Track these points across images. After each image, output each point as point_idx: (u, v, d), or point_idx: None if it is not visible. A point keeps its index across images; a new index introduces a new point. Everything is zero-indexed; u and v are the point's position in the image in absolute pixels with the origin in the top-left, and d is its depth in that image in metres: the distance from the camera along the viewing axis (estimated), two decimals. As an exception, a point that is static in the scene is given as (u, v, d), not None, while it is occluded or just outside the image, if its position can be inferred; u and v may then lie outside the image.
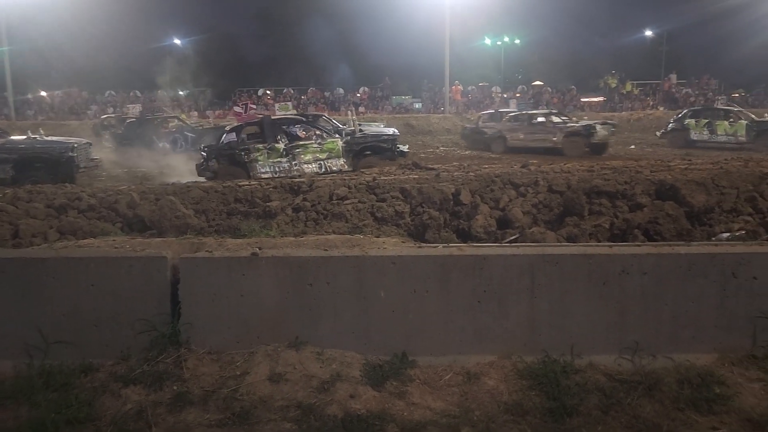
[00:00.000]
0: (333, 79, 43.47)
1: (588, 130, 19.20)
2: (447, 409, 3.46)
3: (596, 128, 19.26)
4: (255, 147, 12.19)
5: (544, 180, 5.31)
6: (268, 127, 12.55)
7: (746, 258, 3.77)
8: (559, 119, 21.04)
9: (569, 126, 20.06)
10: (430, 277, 3.88)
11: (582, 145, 18.84)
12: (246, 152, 12.08)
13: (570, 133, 19.44)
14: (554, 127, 20.17)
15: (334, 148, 12.29)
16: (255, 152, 12.08)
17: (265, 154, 12.04)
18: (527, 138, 20.43)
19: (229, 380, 3.66)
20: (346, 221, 4.96)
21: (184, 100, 42.80)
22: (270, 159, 11.88)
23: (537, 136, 20.24)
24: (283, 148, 12.15)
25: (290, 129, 13.17)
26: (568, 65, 48.19)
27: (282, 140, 12.37)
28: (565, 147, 19.13)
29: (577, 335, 3.85)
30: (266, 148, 12.16)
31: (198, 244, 4.27)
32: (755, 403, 3.41)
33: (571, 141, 19.20)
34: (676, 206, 4.71)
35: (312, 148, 12.25)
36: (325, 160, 12.13)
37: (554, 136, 19.77)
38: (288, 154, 12.13)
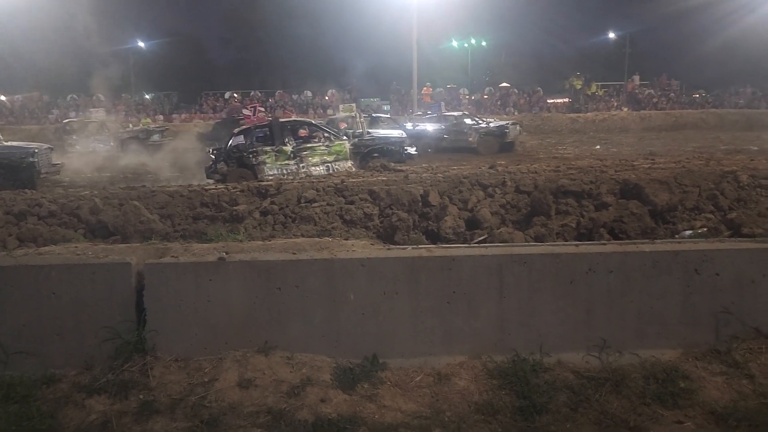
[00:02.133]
0: (301, 82, 43.27)
1: (501, 130, 20.91)
2: (418, 411, 3.46)
3: (508, 128, 20.95)
4: (263, 149, 12.22)
5: (512, 180, 5.36)
6: (277, 130, 12.57)
7: (708, 255, 3.85)
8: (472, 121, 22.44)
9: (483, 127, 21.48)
10: (399, 279, 3.87)
11: (495, 144, 20.36)
12: (254, 155, 12.12)
13: (485, 134, 20.88)
14: (470, 128, 21.42)
15: (342, 151, 12.33)
16: (263, 154, 12.12)
17: (273, 157, 12.09)
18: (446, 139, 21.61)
19: (197, 387, 3.59)
20: (315, 224, 4.93)
21: (150, 103, 42.13)
22: (278, 161, 11.89)
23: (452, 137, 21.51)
24: (291, 151, 12.17)
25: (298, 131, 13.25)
26: (533, 67, 48.85)
27: (290, 142, 12.40)
28: (480, 146, 20.49)
29: (546, 334, 3.89)
30: (274, 150, 12.19)
31: (163, 249, 4.18)
32: (718, 396, 3.49)
33: (486, 140, 20.68)
34: (641, 205, 4.80)
35: (320, 150, 12.28)
36: (333, 162, 12.16)
37: (470, 137, 21.01)
38: (296, 156, 12.14)
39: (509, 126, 21.46)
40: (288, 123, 13.52)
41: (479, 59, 51.24)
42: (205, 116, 39.40)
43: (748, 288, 3.84)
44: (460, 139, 21.39)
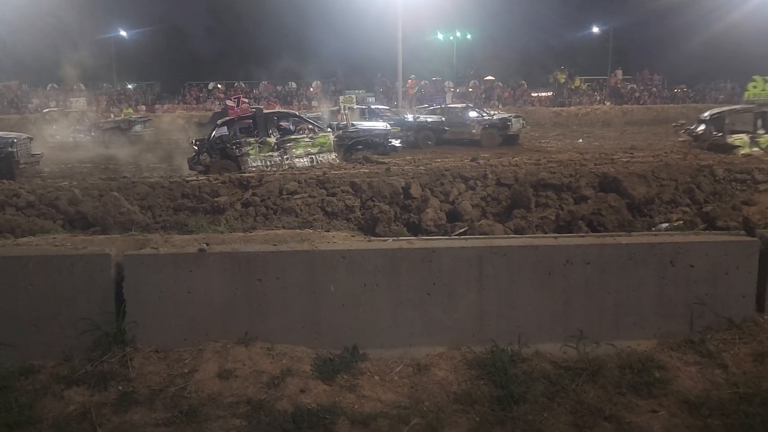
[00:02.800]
0: (285, 73, 43.01)
1: (504, 122, 20.79)
2: (397, 401, 3.48)
3: (511, 121, 20.86)
4: (246, 141, 12.16)
5: (493, 173, 5.39)
6: (261, 121, 12.51)
7: (684, 247, 3.91)
8: (477, 113, 22.24)
9: (486, 119, 21.36)
10: (380, 271, 3.89)
11: (498, 137, 20.24)
12: (237, 146, 12.05)
13: (488, 126, 20.74)
14: (473, 120, 21.26)
15: (326, 143, 12.30)
16: (246, 146, 12.05)
17: (257, 148, 12.04)
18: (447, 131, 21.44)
19: (176, 378, 3.59)
20: (296, 216, 4.92)
21: (132, 93, 41.66)
22: (261, 153, 11.85)
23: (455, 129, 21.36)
24: (274, 142, 12.12)
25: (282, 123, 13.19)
26: (518, 61, 49.01)
27: (274, 134, 12.36)
28: (483, 138, 20.41)
29: (525, 325, 3.93)
30: (258, 141, 12.14)
31: (143, 240, 4.17)
32: (692, 385, 3.55)
33: (489, 133, 20.57)
34: (619, 198, 4.86)
35: (303, 142, 12.26)
36: (317, 154, 12.12)
37: (473, 129, 20.89)
38: (279, 148, 12.10)
39: (512, 119, 21.27)
40: (272, 114, 13.46)
41: (464, 52, 51.33)
42: (189, 107, 39.09)
43: (722, 280, 3.91)
44: (463, 131, 21.24)
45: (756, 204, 4.55)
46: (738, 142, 10.55)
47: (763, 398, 3.35)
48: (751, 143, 10.57)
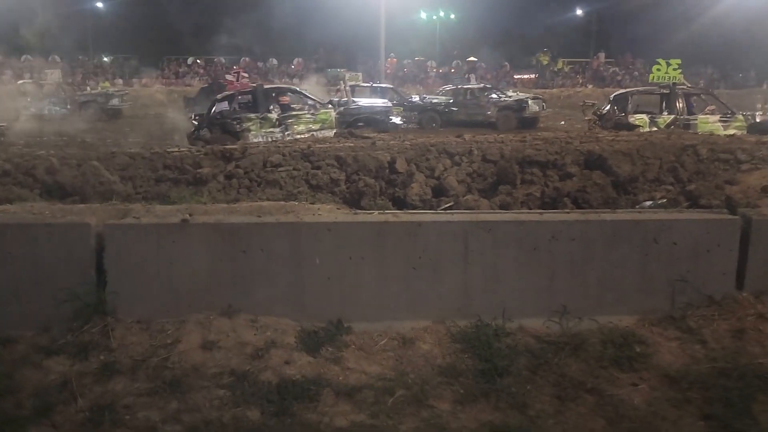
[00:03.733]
0: (266, 49, 42.42)
1: (520, 104, 19.74)
2: (382, 373, 3.49)
3: (528, 102, 19.85)
4: (247, 116, 11.94)
5: (479, 150, 5.39)
6: (261, 97, 12.30)
7: (667, 224, 3.95)
8: (494, 94, 21.30)
9: (502, 101, 20.38)
10: (365, 244, 3.87)
11: (513, 119, 19.35)
12: (238, 121, 11.82)
13: (503, 107, 19.78)
14: (488, 101, 20.45)
15: (327, 119, 12.15)
16: (247, 121, 11.83)
17: (258, 124, 11.84)
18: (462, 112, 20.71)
19: (159, 349, 3.55)
20: (281, 189, 4.88)
21: (109, 66, 40.81)
22: (262, 129, 11.67)
23: (471, 111, 20.51)
24: (275, 118, 11.94)
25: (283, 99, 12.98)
26: (501, 42, 48.85)
27: (275, 110, 12.17)
28: (499, 120, 19.47)
29: (509, 300, 3.94)
30: (259, 117, 11.94)
31: (124, 210, 4.09)
32: (672, 360, 3.61)
33: (504, 115, 19.61)
34: (604, 176, 4.89)
35: (305, 118, 12.10)
36: (318, 130, 11.96)
37: (488, 111, 20.04)
38: (281, 124, 11.91)
39: (528, 100, 20.16)
40: (273, 90, 13.27)
41: (448, 32, 51.01)
42: (167, 81, 38.44)
43: (704, 257, 3.95)
44: (478, 113, 20.27)
45: (738, 183, 4.60)
46: (639, 122, 10.83)
47: (741, 373, 3.41)
48: (650, 123, 10.81)
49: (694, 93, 12.23)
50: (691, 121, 10.87)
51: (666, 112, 11.19)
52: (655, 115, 11.14)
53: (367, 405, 3.21)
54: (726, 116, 10.82)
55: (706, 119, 10.91)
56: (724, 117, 10.83)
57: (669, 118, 10.93)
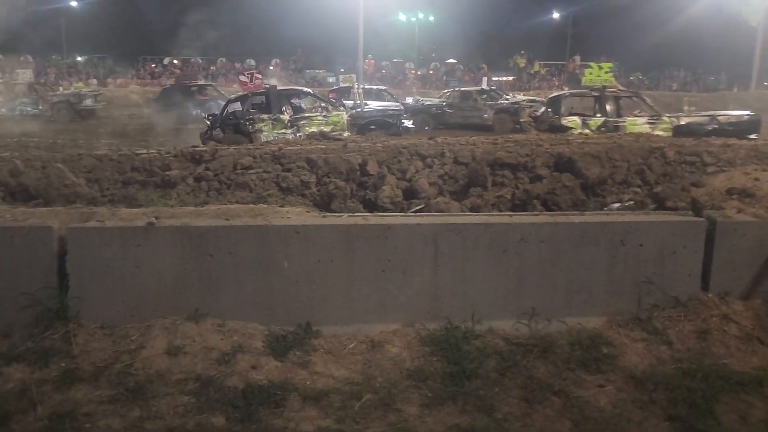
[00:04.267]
0: (244, 50, 42.16)
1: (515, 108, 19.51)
2: (350, 377, 3.47)
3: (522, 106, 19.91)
4: (260, 117, 11.94)
5: (450, 152, 5.39)
6: (274, 98, 12.31)
7: (634, 227, 3.98)
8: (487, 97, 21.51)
9: (499, 103, 20.53)
10: (334, 247, 3.85)
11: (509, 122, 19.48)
12: (251, 122, 11.82)
13: (499, 110, 19.84)
14: (484, 104, 20.61)
15: (339, 122, 12.09)
16: (260, 122, 11.83)
17: (270, 125, 11.82)
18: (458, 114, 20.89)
19: (123, 355, 3.49)
20: (251, 191, 4.82)
21: (82, 66, 40.19)
22: (275, 130, 11.63)
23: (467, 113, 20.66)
24: (288, 120, 11.89)
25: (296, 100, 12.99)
26: (480, 44, 49.19)
27: (287, 111, 12.18)
28: (495, 123, 19.52)
29: (479, 302, 3.95)
30: (271, 118, 11.93)
31: (88, 213, 4.01)
32: (638, 361, 3.64)
33: (500, 118, 19.58)
34: (573, 178, 4.92)
35: (317, 120, 12.05)
36: (330, 132, 11.88)
37: (485, 113, 20.18)
38: (293, 125, 11.85)
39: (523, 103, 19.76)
40: (285, 92, 13.25)
41: (426, 34, 51.20)
42: (143, 82, 37.99)
43: (670, 259, 3.99)
44: (474, 115, 20.31)
45: (704, 186, 4.67)
46: (572, 124, 11.01)
47: (705, 373, 3.46)
48: (582, 125, 11.01)
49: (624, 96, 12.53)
50: (620, 123, 11.11)
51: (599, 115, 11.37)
52: (587, 118, 11.30)
53: (334, 410, 3.19)
54: (653, 118, 11.04)
55: (634, 121, 11.14)
56: (651, 119, 11.05)
57: (600, 120, 11.12)
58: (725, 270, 4.04)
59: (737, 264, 4.04)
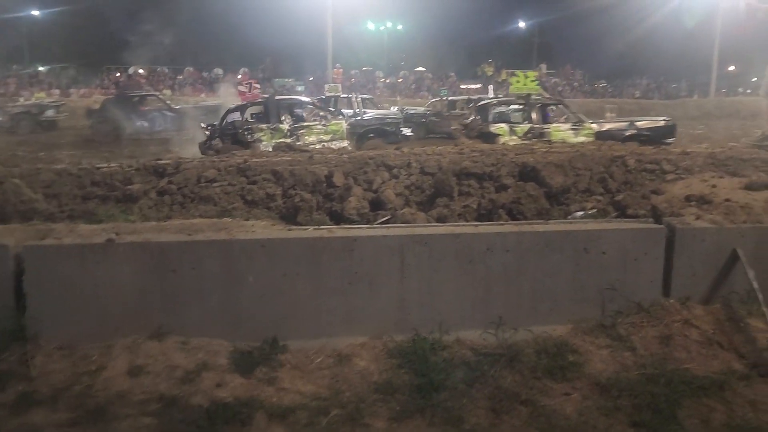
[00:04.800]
0: (212, 59, 41.76)
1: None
2: (317, 392, 3.44)
3: None
4: (258, 127, 11.88)
5: (417, 162, 5.39)
6: (273, 107, 12.24)
7: (596, 234, 4.04)
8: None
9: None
10: (300, 260, 3.82)
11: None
12: (250, 132, 11.73)
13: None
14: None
15: (338, 130, 12.04)
16: (259, 132, 11.75)
17: (269, 134, 11.73)
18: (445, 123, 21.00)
19: (82, 376, 3.40)
20: (215, 204, 4.75)
21: (44, 76, 39.32)
22: (274, 139, 11.49)
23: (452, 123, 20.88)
24: (287, 129, 11.81)
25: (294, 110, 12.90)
26: (448, 53, 49.55)
27: (286, 120, 12.07)
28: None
29: (446, 312, 3.96)
30: (270, 128, 11.86)
31: (46, 230, 3.91)
32: (603, 368, 3.68)
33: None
34: (537, 187, 4.97)
35: (316, 129, 11.99)
36: (329, 141, 11.83)
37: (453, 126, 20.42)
38: (292, 134, 11.77)
39: None
40: (284, 101, 13.18)
41: (395, 43, 51.47)
42: (107, 92, 37.28)
43: (632, 266, 4.06)
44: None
45: (663, 193, 4.76)
46: (499, 131, 11.30)
47: (668, 378, 3.51)
48: (510, 132, 11.32)
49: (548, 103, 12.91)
50: (545, 130, 11.42)
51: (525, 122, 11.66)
52: (514, 125, 11.58)
53: (301, 426, 3.15)
54: (576, 125, 11.39)
55: (558, 128, 11.49)
56: (574, 126, 11.40)
57: (526, 127, 11.41)
58: (685, 275, 4.12)
59: (697, 269, 4.13)
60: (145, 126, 19.70)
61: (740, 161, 5.28)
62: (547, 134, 11.24)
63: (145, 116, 19.87)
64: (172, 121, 19.67)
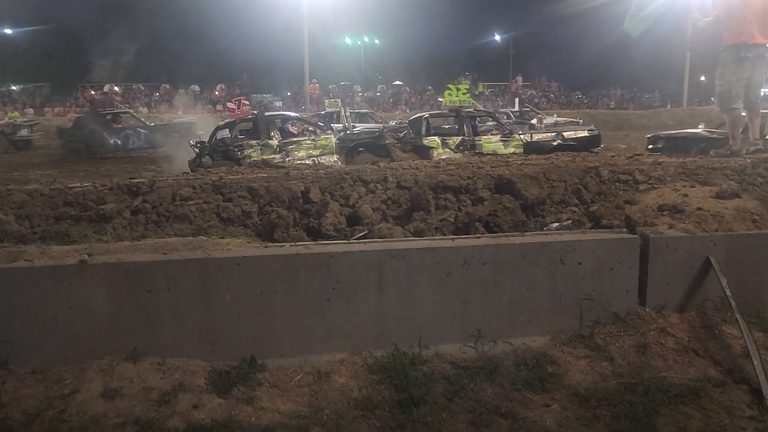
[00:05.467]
0: (188, 76, 41.60)
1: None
2: (297, 411, 3.40)
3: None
4: (248, 143, 11.88)
5: (393, 176, 5.41)
6: (262, 124, 12.25)
7: (572, 245, 4.08)
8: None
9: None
10: (277, 278, 3.79)
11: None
12: (239, 148, 11.74)
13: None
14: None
15: (328, 145, 12.00)
16: (248, 148, 11.75)
17: (259, 150, 11.72)
18: None
19: (55, 401, 3.33)
20: (190, 223, 4.71)
21: (18, 95, 38.84)
22: (264, 155, 11.43)
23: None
24: (276, 145, 11.79)
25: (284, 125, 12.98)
26: (425, 66, 50.01)
27: (275, 136, 12.10)
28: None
29: (425, 326, 3.96)
30: (260, 144, 11.87)
31: (16, 252, 3.84)
32: (582, 378, 3.70)
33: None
34: (513, 199, 5.00)
35: (305, 144, 11.97)
36: (319, 156, 11.82)
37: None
38: (282, 150, 11.72)
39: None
40: (274, 117, 13.18)
41: (372, 57, 51.81)
42: (82, 110, 36.92)
43: (607, 276, 4.10)
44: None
45: (637, 203, 4.83)
46: (432, 144, 11.51)
47: (645, 387, 3.54)
48: (442, 145, 11.55)
49: (479, 115, 13.15)
50: (476, 142, 11.66)
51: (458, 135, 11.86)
52: (446, 137, 11.75)
53: (280, 446, 3.11)
54: (506, 136, 11.65)
55: (489, 139, 11.75)
56: (504, 137, 11.66)
57: (458, 139, 11.60)
58: (660, 284, 4.17)
59: (671, 278, 4.18)
60: (118, 144, 19.57)
61: (710, 170, 5.37)
62: (479, 146, 11.54)
63: (118, 134, 19.73)
64: (146, 138, 19.57)
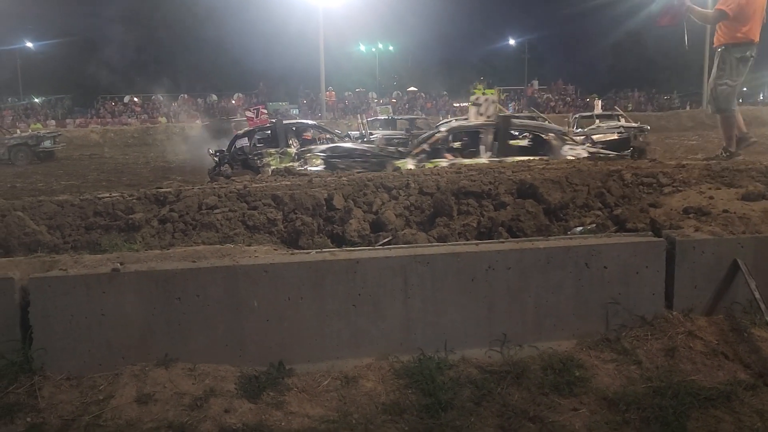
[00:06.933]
0: (206, 85, 42.09)
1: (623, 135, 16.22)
2: (326, 415, 3.44)
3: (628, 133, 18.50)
4: (267, 151, 12.01)
5: (415, 182, 5.44)
6: (281, 132, 12.44)
7: (596, 249, 4.08)
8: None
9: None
10: (304, 284, 3.84)
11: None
12: (259, 156, 11.87)
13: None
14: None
15: None
16: (267, 156, 11.87)
17: (278, 159, 11.83)
18: None
19: (91, 406, 3.40)
20: (216, 231, 4.78)
21: (40, 108, 39.54)
22: (282, 163, 11.56)
23: None
24: (295, 153, 11.88)
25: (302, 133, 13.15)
26: (440, 72, 50.05)
27: (294, 144, 12.16)
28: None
29: (450, 331, 3.98)
30: (279, 152, 11.98)
31: (51, 262, 3.93)
32: (609, 382, 3.69)
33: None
34: (536, 204, 5.01)
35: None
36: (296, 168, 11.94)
37: None
38: (300, 158, 11.85)
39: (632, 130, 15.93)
40: (292, 125, 13.36)
41: (387, 64, 52.02)
42: (103, 121, 37.55)
43: (633, 279, 4.09)
44: None
45: (661, 206, 4.81)
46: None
47: (675, 391, 3.52)
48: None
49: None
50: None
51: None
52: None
53: (311, 450, 3.15)
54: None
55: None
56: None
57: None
58: (687, 287, 4.15)
59: (698, 281, 4.16)
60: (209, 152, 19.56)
61: (736, 172, 5.33)
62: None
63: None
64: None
